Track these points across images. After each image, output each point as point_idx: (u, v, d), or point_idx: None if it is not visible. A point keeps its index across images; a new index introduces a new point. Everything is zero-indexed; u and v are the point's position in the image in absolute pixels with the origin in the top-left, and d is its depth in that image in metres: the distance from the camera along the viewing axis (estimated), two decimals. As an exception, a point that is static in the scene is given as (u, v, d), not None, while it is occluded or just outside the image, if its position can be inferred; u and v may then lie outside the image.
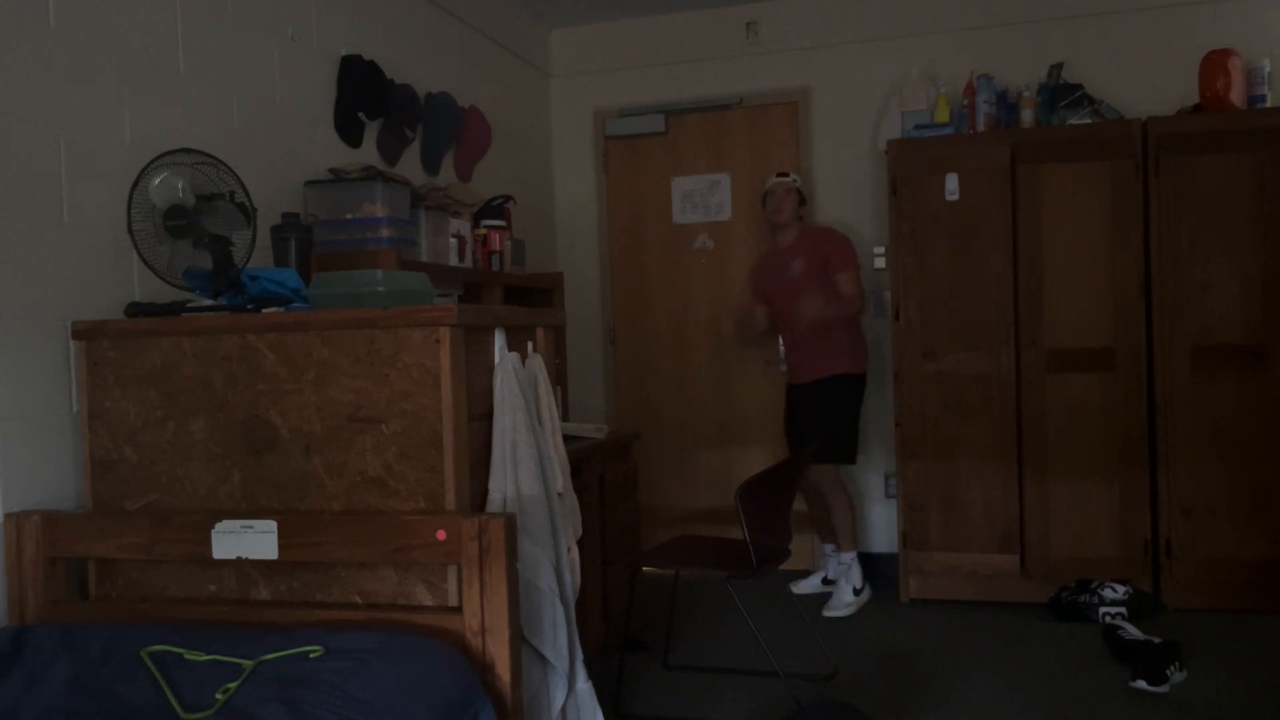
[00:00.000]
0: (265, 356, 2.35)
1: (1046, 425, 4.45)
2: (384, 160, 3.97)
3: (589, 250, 5.60)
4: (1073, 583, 4.32)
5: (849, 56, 5.18)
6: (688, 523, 5.42)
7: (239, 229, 2.53)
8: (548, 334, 2.76)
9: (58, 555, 2.38)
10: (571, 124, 5.63)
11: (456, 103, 4.43)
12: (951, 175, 4.50)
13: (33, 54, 2.48)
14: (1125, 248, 4.36)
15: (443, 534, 2.16)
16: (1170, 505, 4.32)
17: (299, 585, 2.35)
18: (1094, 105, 4.55)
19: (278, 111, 3.39)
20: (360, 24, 3.86)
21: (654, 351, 5.54)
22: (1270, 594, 4.22)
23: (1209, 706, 3.32)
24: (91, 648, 2.12)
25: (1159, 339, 4.32)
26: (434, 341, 2.25)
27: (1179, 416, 4.31)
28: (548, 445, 2.56)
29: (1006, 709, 3.36)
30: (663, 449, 5.46)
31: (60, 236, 2.53)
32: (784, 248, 4.79)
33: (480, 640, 2.16)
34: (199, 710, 1.91)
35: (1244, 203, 4.23)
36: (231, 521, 2.27)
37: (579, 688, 2.53)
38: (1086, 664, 3.76)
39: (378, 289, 2.39)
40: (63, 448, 2.52)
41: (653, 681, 3.73)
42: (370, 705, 1.88)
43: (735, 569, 3.42)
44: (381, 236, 3.38)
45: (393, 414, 2.28)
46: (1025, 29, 4.90)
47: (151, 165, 2.46)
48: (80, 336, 2.45)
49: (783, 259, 4.77)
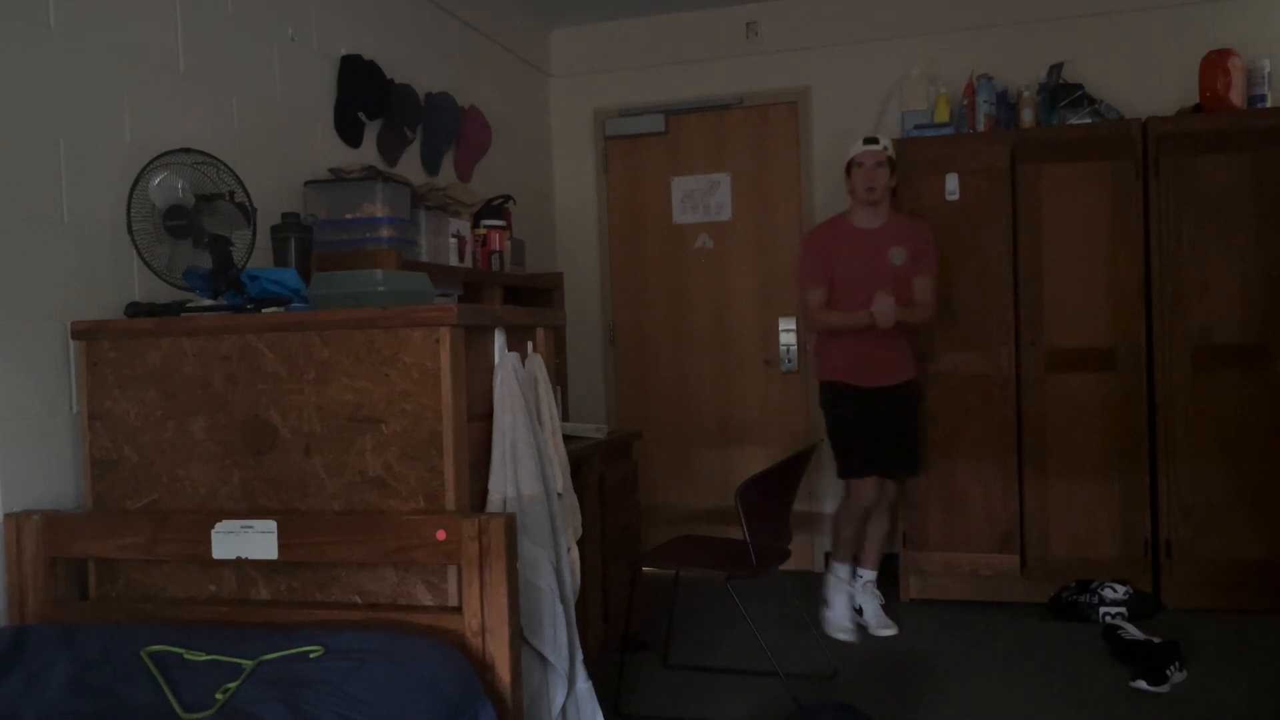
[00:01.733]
0: (265, 356, 2.35)
1: (1046, 425, 4.45)
2: (384, 160, 3.97)
3: (589, 250, 5.60)
4: (1073, 583, 4.32)
5: (849, 56, 5.18)
6: (688, 523, 5.42)
7: (239, 229, 2.53)
8: (548, 334, 2.75)
9: (58, 555, 2.38)
10: (571, 124, 5.63)
11: (456, 103, 4.43)
12: (951, 175, 4.50)
13: (33, 54, 2.48)
14: (1125, 247, 4.36)
15: (443, 534, 2.16)
16: (1170, 505, 4.32)
17: (299, 585, 2.35)
18: (1094, 105, 4.55)
19: (278, 111, 3.39)
20: (360, 24, 3.86)
21: (654, 351, 5.54)
22: (1270, 594, 4.22)
23: (1209, 706, 3.32)
24: (91, 648, 2.12)
25: (1159, 339, 4.32)
26: (434, 341, 2.25)
27: (1179, 416, 4.31)
28: (548, 445, 2.55)
29: (1006, 709, 3.36)
30: (663, 449, 5.45)
31: (60, 236, 2.53)
32: (870, 229, 4.18)
33: (480, 640, 2.16)
34: (199, 710, 1.91)
35: (1244, 203, 4.22)
36: (231, 521, 2.27)
37: (579, 688, 2.53)
38: (1086, 664, 3.76)
39: (378, 289, 2.39)
40: (63, 448, 2.52)
41: (653, 681, 3.73)
42: (370, 705, 1.88)
43: (735, 569, 3.42)
44: (381, 236, 3.38)
45: (393, 414, 2.28)
46: (1025, 29, 4.90)
47: (151, 165, 2.46)
48: (80, 336, 2.45)
49: (873, 242, 4.17)
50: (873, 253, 4.14)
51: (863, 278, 4.09)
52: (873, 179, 4.10)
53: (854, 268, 4.13)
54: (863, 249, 4.15)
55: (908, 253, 4.12)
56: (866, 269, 4.11)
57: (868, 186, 4.10)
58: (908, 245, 4.13)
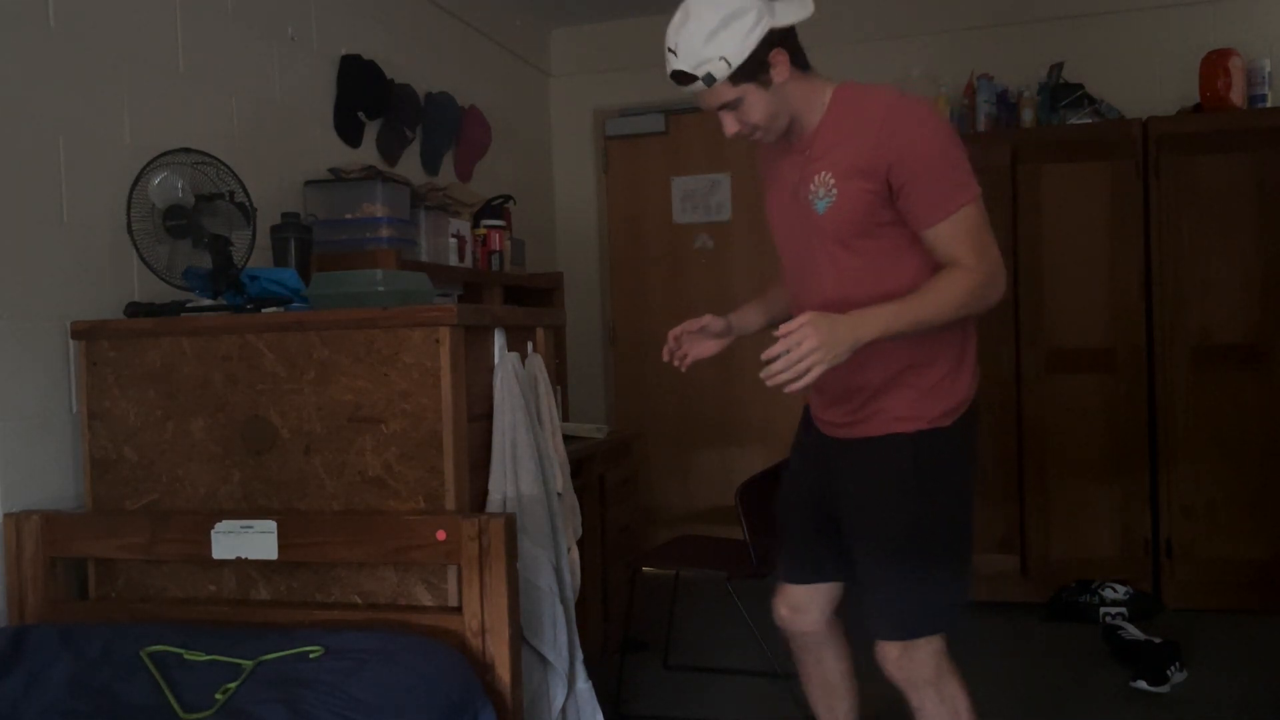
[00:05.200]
0: (265, 356, 2.35)
1: (1046, 425, 4.44)
2: (384, 160, 3.96)
3: (589, 250, 5.60)
4: (1073, 583, 4.32)
5: (849, 56, 5.17)
6: (688, 523, 5.41)
7: (239, 229, 2.52)
8: (548, 334, 2.75)
9: (57, 555, 2.38)
10: (571, 124, 5.62)
11: (456, 103, 4.43)
12: (951, 175, 4.49)
13: (33, 54, 2.47)
14: (1125, 248, 4.35)
15: (443, 534, 2.16)
16: (1170, 505, 4.32)
17: (299, 585, 2.35)
18: (1094, 105, 4.55)
19: (278, 111, 3.38)
20: (360, 24, 3.86)
21: (654, 351, 5.48)
22: (1271, 594, 4.21)
23: (1209, 706, 3.32)
24: (91, 648, 2.12)
25: (1159, 339, 4.32)
26: (434, 341, 2.24)
27: (1179, 416, 4.30)
28: (548, 445, 2.55)
29: (1006, 709, 3.36)
30: (663, 449, 5.45)
31: (60, 236, 2.53)
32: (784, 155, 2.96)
33: (480, 640, 2.16)
34: (198, 710, 1.91)
35: (1244, 203, 4.22)
36: (231, 521, 2.27)
37: (579, 688, 2.53)
38: (1086, 664, 3.75)
39: (378, 289, 2.39)
40: (63, 448, 2.51)
41: (653, 681, 3.73)
42: (370, 705, 1.88)
43: (735, 569, 3.42)
44: (381, 236, 3.38)
45: (393, 414, 2.27)
46: (1025, 29, 4.90)
47: (151, 165, 2.46)
48: (80, 336, 2.45)
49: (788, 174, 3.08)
50: (786, 196, 2.24)
51: (787, 244, 2.31)
52: (733, 123, 2.14)
53: (777, 222, 2.33)
54: (778, 190, 2.29)
55: (857, 178, 2.08)
56: (787, 229, 2.28)
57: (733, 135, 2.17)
58: (851, 159, 2.08)
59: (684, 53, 2.02)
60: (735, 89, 2.04)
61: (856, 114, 2.11)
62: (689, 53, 2.01)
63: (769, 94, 2.07)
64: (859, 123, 2.08)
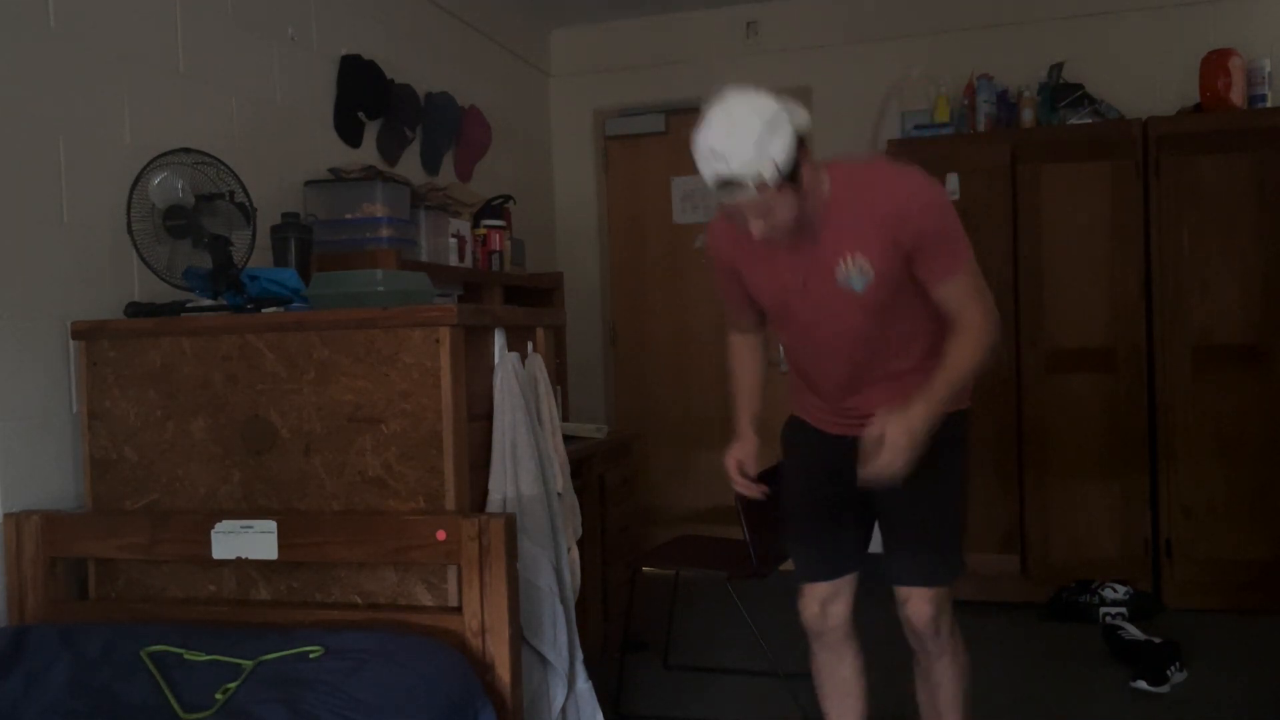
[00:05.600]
0: (265, 356, 2.35)
1: (1047, 425, 4.44)
2: (384, 160, 3.96)
3: (589, 250, 5.60)
4: (1073, 583, 4.32)
5: (849, 56, 5.18)
6: (688, 523, 5.41)
7: (239, 229, 2.52)
8: (548, 334, 2.75)
9: (57, 555, 2.38)
10: (571, 124, 5.62)
11: (456, 103, 4.43)
12: (951, 175, 4.50)
13: (33, 54, 2.47)
14: (1125, 247, 4.35)
15: (443, 534, 2.16)
16: (1170, 505, 4.32)
17: (299, 585, 2.35)
18: (1094, 105, 4.55)
19: (278, 111, 3.38)
20: (360, 24, 3.86)
21: (654, 351, 5.54)
22: (1270, 594, 4.21)
23: (1209, 706, 3.32)
24: (91, 648, 2.12)
25: (1159, 339, 4.32)
26: (434, 341, 2.24)
27: (1179, 416, 4.30)
28: (548, 445, 2.55)
29: (1006, 709, 3.36)
30: (663, 449, 5.45)
31: (60, 236, 2.53)
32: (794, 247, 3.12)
33: (480, 640, 2.16)
34: (198, 710, 1.91)
35: (1244, 203, 4.22)
36: (231, 521, 2.27)
37: (579, 688, 2.53)
38: (1086, 664, 3.75)
39: (378, 289, 2.39)
40: (63, 448, 2.51)
41: (653, 681, 3.73)
42: (370, 705, 1.88)
43: (735, 569, 3.41)
44: (381, 236, 3.38)
45: (393, 414, 2.28)
46: (1025, 29, 4.90)
47: (151, 165, 2.46)
48: (80, 336, 2.45)
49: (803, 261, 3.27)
50: (795, 284, 2.36)
51: (807, 326, 2.43)
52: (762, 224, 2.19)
53: (784, 310, 2.45)
54: (772, 279, 2.41)
55: (876, 258, 2.25)
56: (809, 312, 2.39)
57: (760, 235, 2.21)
58: (877, 241, 2.24)
59: (736, 158, 2.09)
60: (779, 192, 2.13)
61: (866, 197, 2.29)
62: (741, 158, 2.09)
63: (798, 194, 2.18)
64: (872, 206, 2.27)
